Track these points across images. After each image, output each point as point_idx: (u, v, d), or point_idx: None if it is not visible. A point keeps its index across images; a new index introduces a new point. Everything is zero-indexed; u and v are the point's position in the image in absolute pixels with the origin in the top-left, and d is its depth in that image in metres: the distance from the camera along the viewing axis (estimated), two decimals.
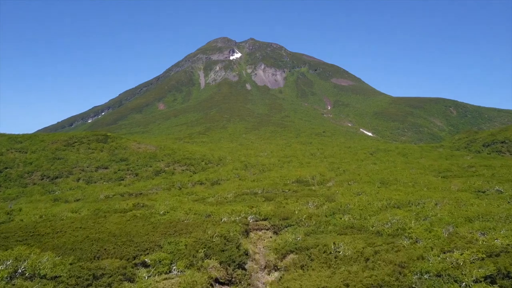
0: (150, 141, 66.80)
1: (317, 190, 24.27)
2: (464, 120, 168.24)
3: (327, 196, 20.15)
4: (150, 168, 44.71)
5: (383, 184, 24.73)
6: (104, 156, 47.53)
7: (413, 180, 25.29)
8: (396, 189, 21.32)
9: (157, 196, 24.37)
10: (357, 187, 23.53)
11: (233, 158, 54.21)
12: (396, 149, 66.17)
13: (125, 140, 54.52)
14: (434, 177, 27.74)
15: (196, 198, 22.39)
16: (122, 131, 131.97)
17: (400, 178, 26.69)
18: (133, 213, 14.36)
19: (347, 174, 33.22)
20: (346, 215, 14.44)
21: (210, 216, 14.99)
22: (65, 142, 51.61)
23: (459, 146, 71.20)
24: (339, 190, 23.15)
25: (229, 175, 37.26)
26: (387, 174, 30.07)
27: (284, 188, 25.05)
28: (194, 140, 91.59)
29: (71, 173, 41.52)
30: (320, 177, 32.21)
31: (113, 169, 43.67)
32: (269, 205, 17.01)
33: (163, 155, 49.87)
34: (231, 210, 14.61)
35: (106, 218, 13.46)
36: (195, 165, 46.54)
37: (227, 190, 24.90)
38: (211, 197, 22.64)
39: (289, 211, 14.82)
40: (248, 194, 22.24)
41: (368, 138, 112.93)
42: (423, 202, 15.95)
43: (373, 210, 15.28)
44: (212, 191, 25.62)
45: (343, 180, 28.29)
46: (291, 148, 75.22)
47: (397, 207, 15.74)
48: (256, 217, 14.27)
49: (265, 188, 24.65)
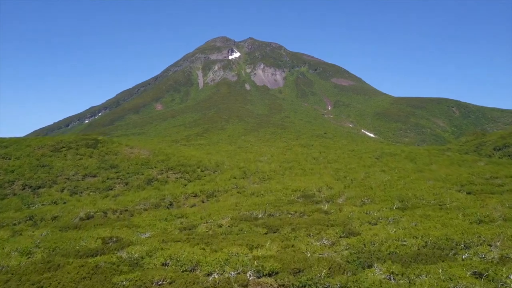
0: (144, 144, 63.62)
1: (327, 210, 21.10)
2: (467, 120, 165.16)
3: (342, 224, 16.90)
4: (141, 176, 41.53)
5: (403, 203, 21.49)
6: (93, 162, 44.31)
7: (436, 198, 22.07)
8: (424, 214, 18.03)
9: (141, 220, 21.16)
10: (374, 209, 20.31)
11: (231, 164, 51.05)
12: (402, 153, 63.01)
13: (117, 145, 51.32)
14: (457, 191, 24.59)
15: (185, 226, 19.10)
16: (118, 132, 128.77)
17: (420, 194, 23.47)
18: (95, 262, 11.15)
19: (357, 186, 30.04)
20: (376, 266, 11.07)
21: (195, 269, 11.70)
22: (52, 148, 48.40)
23: (468, 149, 68.04)
24: (354, 212, 19.96)
25: (227, 185, 34.08)
26: (402, 187, 26.87)
27: (289, 208, 21.71)
28: (191, 142, 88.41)
29: (55, 182, 38.32)
30: (327, 189, 29.08)
31: (101, 178, 40.47)
32: (273, 243, 13.67)
33: (156, 161, 46.68)
34: (224, 258, 11.32)
35: (57, 272, 10.28)
36: (190, 173, 43.36)
37: (222, 212, 21.71)
38: (203, 223, 19.41)
39: (300, 257, 11.48)
40: (247, 220, 19.01)
41: (370, 139, 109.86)
42: (473, 243, 12.65)
43: (410, 255, 11.97)
44: (205, 212, 22.38)
45: (355, 196, 25.05)
46: (292, 151, 72.09)
47: (440, 251, 12.32)
48: (258, 269, 10.98)
49: (267, 209, 21.37)
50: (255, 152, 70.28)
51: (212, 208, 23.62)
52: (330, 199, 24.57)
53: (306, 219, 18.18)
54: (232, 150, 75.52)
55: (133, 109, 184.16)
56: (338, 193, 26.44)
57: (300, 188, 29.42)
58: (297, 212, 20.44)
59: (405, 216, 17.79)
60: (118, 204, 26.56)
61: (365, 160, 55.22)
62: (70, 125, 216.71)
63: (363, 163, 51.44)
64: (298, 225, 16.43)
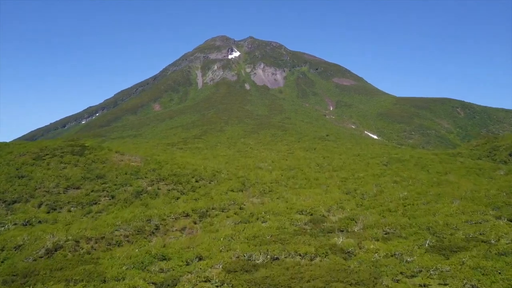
0: (136, 150, 59.87)
1: (344, 247, 17.25)
2: (472, 121, 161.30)
3: (370, 278, 13.12)
4: (130, 188, 37.74)
5: (436, 238, 17.66)
6: (78, 172, 40.52)
7: (475, 229, 18.26)
8: (476, 266, 14.08)
9: (109, 264, 17.29)
10: (404, 248, 16.39)
11: (229, 172, 47.27)
12: (411, 159, 59.26)
13: (106, 152, 47.51)
14: (495, 217, 20.78)
15: (163, 279, 15.19)
16: (114, 134, 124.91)
17: (452, 222, 19.63)
18: None
19: (371, 204, 26.27)
20: None
21: None
22: (35, 155, 44.60)
23: (480, 155, 64.31)
24: (379, 253, 16.13)
25: (223, 201, 30.26)
26: (426, 210, 23.02)
27: (296, 247, 17.57)
28: (188, 146, 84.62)
29: (32, 196, 34.55)
30: (338, 209, 25.37)
31: (85, 190, 36.70)
32: None
33: (148, 170, 42.89)
34: None
35: None
36: (183, 183, 39.59)
37: (214, 248, 17.91)
38: (187, 273, 15.55)
39: None
40: (243, 269, 15.16)
41: (374, 142, 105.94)
42: None
43: None
44: (194, 250, 18.52)
45: (374, 223, 21.17)
46: (294, 156, 68.30)
47: None
48: None
49: (270, 250, 17.35)
50: (254, 157, 66.52)
51: (203, 241, 19.82)
52: (344, 227, 20.77)
53: (321, 270, 14.23)
54: (231, 154, 71.78)
55: (131, 110, 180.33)
56: (352, 217, 22.66)
57: (306, 208, 25.65)
58: (307, 254, 16.55)
59: (450, 266, 14.03)
60: (95, 229, 22.77)
61: (373, 168, 51.46)
62: (67, 125, 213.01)
63: (371, 171, 47.68)
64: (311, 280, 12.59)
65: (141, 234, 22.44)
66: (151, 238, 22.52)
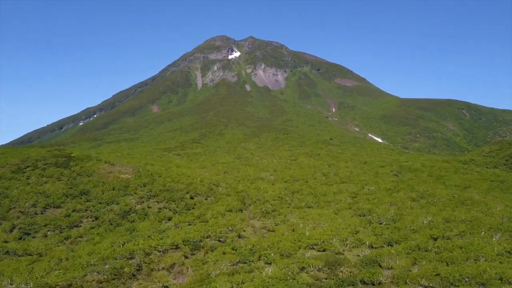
0: (130, 158, 55.99)
1: None
2: (478, 123, 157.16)
3: None
4: (116, 206, 33.84)
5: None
6: (60, 188, 36.62)
7: None
8: None
9: None
10: None
11: (227, 185, 43.36)
12: (423, 168, 55.32)
13: (93, 163, 43.58)
14: None
15: None
16: (110, 137, 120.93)
17: (505, 271, 15.78)
18: None
19: (392, 236, 22.32)
20: None
21: None
22: (15, 167, 40.71)
23: (496, 163, 60.28)
24: None
25: (219, 227, 26.33)
26: (466, 249, 19.03)
27: None
28: (186, 151, 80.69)
29: (5, 218, 30.67)
30: (354, 241, 21.51)
31: (66, 209, 32.80)
32: None
33: (138, 185, 38.97)
34: None
35: None
36: (176, 201, 35.66)
37: None
38: None
39: None
40: None
41: (380, 146, 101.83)
42: None
43: None
44: None
45: (406, 272, 17.19)
46: (297, 163, 64.34)
47: None
48: None
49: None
50: (255, 165, 62.63)
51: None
52: (369, 278, 16.78)
53: None
54: (230, 161, 67.88)
55: (129, 112, 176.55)
56: (375, 258, 18.75)
57: (317, 241, 21.75)
58: None
59: None
60: (64, 271, 18.87)
61: (383, 179, 47.50)
62: (64, 127, 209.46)
63: (383, 184, 43.73)
64: None
65: (118, 278, 18.60)
66: (130, 283, 18.63)
